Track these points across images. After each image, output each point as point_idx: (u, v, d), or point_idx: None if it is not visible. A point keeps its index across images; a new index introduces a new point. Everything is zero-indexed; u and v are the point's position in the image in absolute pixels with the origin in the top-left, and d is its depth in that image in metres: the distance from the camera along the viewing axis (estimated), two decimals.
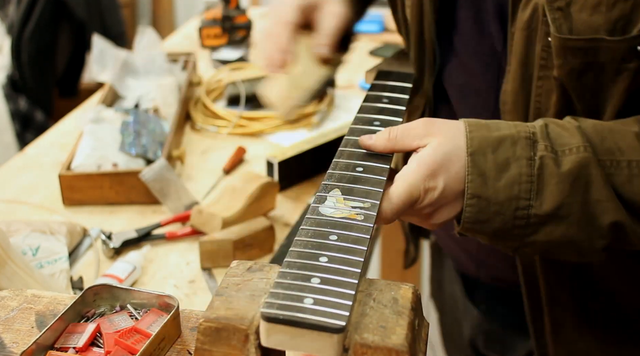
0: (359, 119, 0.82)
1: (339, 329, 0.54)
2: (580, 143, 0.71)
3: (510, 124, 0.73)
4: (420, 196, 0.70)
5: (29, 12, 2.71)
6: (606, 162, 0.71)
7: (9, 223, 1.08)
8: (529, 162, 0.70)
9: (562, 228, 0.71)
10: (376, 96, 0.87)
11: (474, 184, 0.70)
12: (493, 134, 0.71)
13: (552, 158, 0.70)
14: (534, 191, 0.70)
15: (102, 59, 1.57)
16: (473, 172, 0.70)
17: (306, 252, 0.61)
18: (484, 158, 0.70)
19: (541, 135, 0.72)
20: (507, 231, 0.72)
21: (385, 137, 0.74)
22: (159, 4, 3.84)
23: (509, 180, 0.70)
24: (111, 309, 0.74)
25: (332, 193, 0.68)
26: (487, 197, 0.70)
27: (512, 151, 0.70)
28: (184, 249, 1.12)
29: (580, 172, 0.70)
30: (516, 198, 0.70)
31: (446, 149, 0.71)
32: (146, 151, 1.27)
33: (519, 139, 0.71)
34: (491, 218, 0.71)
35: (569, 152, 0.71)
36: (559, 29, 0.73)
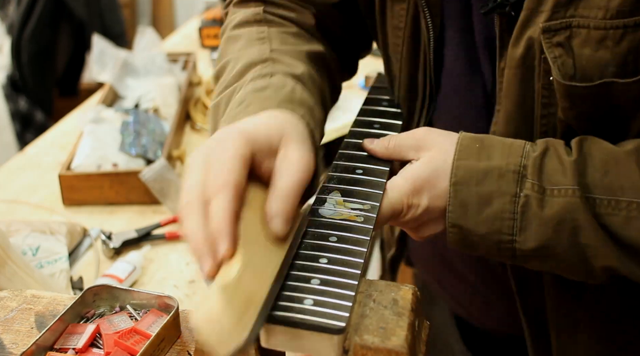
0: (359, 121, 0.82)
1: (339, 330, 0.54)
2: (570, 185, 0.66)
3: (504, 152, 0.68)
4: (403, 210, 0.68)
5: (29, 12, 2.72)
6: (603, 201, 0.66)
7: (9, 223, 1.08)
8: (513, 199, 0.66)
9: (551, 264, 0.69)
10: (376, 99, 0.87)
11: (455, 215, 0.67)
12: (481, 164, 0.67)
13: (537, 198, 0.66)
14: (517, 228, 0.66)
15: (102, 59, 1.57)
16: (454, 203, 0.67)
17: (306, 254, 0.61)
18: (467, 189, 0.67)
19: (532, 169, 0.67)
20: (495, 257, 0.69)
21: (384, 145, 0.73)
22: (159, 4, 3.84)
23: (491, 215, 0.67)
24: (111, 310, 0.74)
25: (332, 195, 0.68)
26: (468, 228, 0.67)
27: (498, 185, 0.67)
28: (184, 249, 1.11)
29: (565, 216, 0.66)
30: (498, 232, 0.67)
31: (436, 164, 0.69)
32: (146, 151, 1.27)
33: (507, 173, 0.67)
34: (475, 245, 0.68)
35: (558, 193, 0.66)
36: (561, 70, 0.67)
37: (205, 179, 0.57)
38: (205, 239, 0.54)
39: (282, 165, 0.62)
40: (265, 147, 0.62)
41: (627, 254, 0.67)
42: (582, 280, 0.71)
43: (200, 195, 0.56)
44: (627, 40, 0.65)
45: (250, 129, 0.63)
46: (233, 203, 0.56)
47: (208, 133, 0.74)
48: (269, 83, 0.72)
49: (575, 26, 0.66)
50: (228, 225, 0.54)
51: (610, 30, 0.65)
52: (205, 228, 0.55)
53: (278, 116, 0.67)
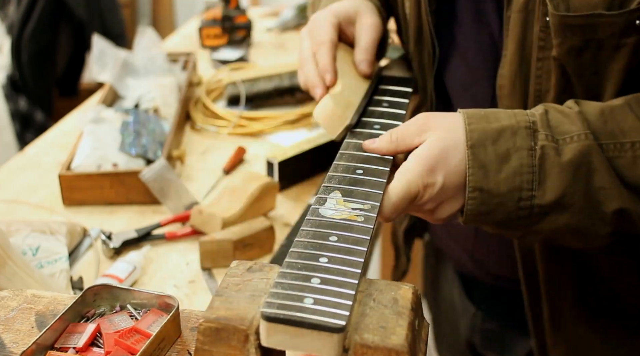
0: (359, 122, 0.82)
1: (339, 329, 0.54)
2: (582, 130, 0.70)
3: (510, 114, 0.72)
4: (420, 192, 0.70)
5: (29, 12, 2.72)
6: (609, 146, 0.71)
7: (9, 223, 1.08)
8: (530, 153, 0.70)
9: (566, 217, 0.71)
10: (377, 100, 0.87)
11: (476, 177, 0.69)
12: (492, 125, 0.71)
13: (553, 148, 0.70)
14: (536, 182, 0.69)
15: (102, 59, 1.57)
16: (474, 165, 0.69)
17: (306, 253, 0.61)
18: (484, 150, 0.70)
19: (541, 123, 0.71)
20: (510, 222, 0.71)
21: (387, 139, 0.74)
22: (159, 4, 3.84)
23: (511, 171, 0.69)
24: (111, 309, 0.74)
25: (333, 195, 0.68)
26: (489, 189, 0.69)
27: (513, 142, 0.70)
28: (184, 249, 1.12)
29: (581, 160, 0.69)
30: (518, 188, 0.69)
31: (444, 143, 0.71)
32: (146, 151, 1.27)
33: (519, 129, 0.70)
34: (494, 209, 0.70)
35: (570, 140, 0.70)
36: (557, 8, 0.73)
37: (311, 42, 0.88)
38: (317, 75, 0.85)
39: (360, 28, 0.90)
40: (347, 18, 0.90)
41: (636, 195, 0.70)
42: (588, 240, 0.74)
43: (309, 50, 0.87)
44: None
45: (335, 8, 0.91)
46: (331, 51, 0.86)
47: None
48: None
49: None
50: (330, 64, 0.85)
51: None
52: (316, 68, 0.86)
53: None
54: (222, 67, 1.75)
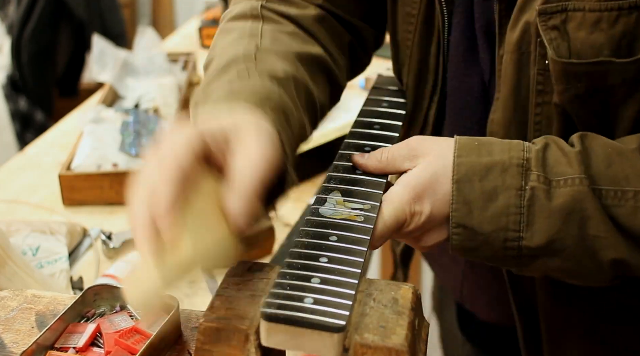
0: (359, 122, 0.82)
1: (339, 328, 0.54)
2: (577, 174, 0.65)
3: (505, 147, 0.67)
4: (407, 220, 0.67)
5: (29, 12, 2.72)
6: (610, 193, 0.65)
7: (9, 223, 1.08)
8: (518, 193, 0.65)
9: (558, 261, 0.67)
10: (376, 100, 0.87)
11: (459, 213, 0.66)
12: (482, 160, 0.66)
13: (543, 190, 0.65)
14: (524, 223, 0.65)
15: (102, 59, 1.57)
16: (458, 201, 0.66)
17: (306, 253, 0.61)
18: (470, 186, 0.65)
19: (536, 162, 0.66)
20: (499, 260, 0.68)
21: (377, 158, 0.70)
22: (159, 4, 3.84)
23: (497, 211, 0.65)
24: (111, 309, 0.74)
25: (332, 195, 0.68)
26: (473, 227, 0.66)
27: (502, 180, 0.65)
28: None
29: (573, 206, 0.64)
30: (504, 229, 0.65)
31: (433, 170, 0.67)
32: None
33: (510, 167, 0.66)
34: (479, 246, 0.67)
35: (564, 183, 0.65)
36: (557, 52, 0.67)
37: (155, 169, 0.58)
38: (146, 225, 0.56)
39: (240, 156, 0.59)
40: (222, 140, 0.60)
41: (636, 246, 0.65)
42: (588, 282, 0.70)
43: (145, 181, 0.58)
44: (621, 23, 0.65)
45: (208, 123, 0.62)
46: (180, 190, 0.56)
47: None
48: (245, 84, 0.70)
49: (571, 9, 0.66)
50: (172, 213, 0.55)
51: (605, 12, 0.65)
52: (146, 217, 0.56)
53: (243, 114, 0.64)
54: None
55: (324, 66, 0.81)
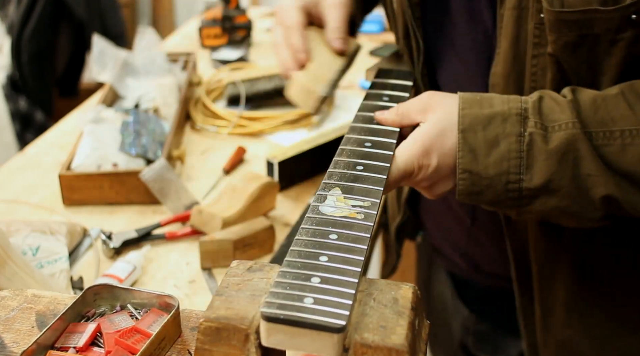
0: (359, 116, 0.82)
1: (339, 328, 0.54)
2: (569, 119, 0.72)
3: (504, 100, 0.75)
4: (415, 171, 0.74)
5: (29, 12, 2.72)
6: (599, 134, 0.73)
7: (9, 223, 1.08)
8: (518, 139, 0.72)
9: (554, 200, 0.73)
10: (377, 94, 0.87)
11: (465, 160, 0.73)
12: (484, 111, 0.74)
13: (540, 135, 0.72)
14: (524, 166, 0.72)
15: (102, 59, 1.57)
16: (464, 149, 0.73)
17: (306, 251, 0.61)
18: (474, 135, 0.73)
19: (533, 110, 0.73)
20: (501, 202, 0.75)
21: (394, 112, 0.79)
22: (159, 4, 3.84)
23: (499, 156, 0.72)
24: (111, 309, 0.74)
25: (333, 192, 0.68)
26: (478, 172, 0.73)
27: (502, 128, 0.73)
28: (184, 249, 1.12)
29: (567, 148, 0.72)
30: (506, 172, 0.73)
31: (441, 125, 0.74)
32: (146, 151, 1.27)
33: (510, 116, 0.73)
34: (484, 190, 0.74)
35: (558, 128, 0.72)
36: (551, 4, 0.74)
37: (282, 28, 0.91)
38: (291, 57, 0.88)
39: (327, 8, 0.92)
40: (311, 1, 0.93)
41: (626, 181, 0.73)
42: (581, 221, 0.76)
43: (281, 37, 0.91)
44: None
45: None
46: (301, 33, 0.89)
47: None
48: None
49: None
50: (301, 44, 0.88)
51: None
52: (289, 51, 0.89)
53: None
54: (222, 67, 1.75)
55: None
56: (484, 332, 1.11)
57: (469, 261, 1.05)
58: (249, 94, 1.54)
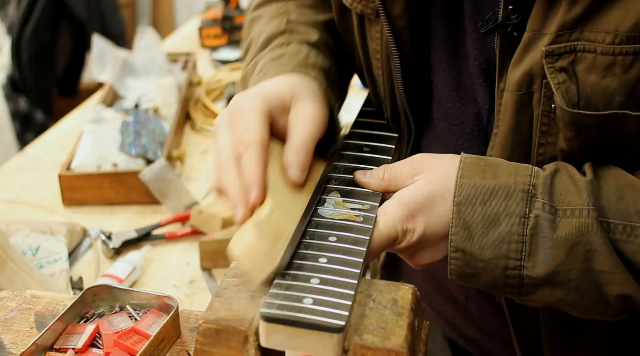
0: (358, 123, 0.82)
1: (339, 329, 0.54)
2: (585, 205, 0.62)
3: (511, 170, 0.64)
4: (398, 237, 0.64)
5: (29, 12, 2.72)
6: (618, 227, 0.62)
7: (9, 223, 1.08)
8: (522, 221, 0.62)
9: (561, 293, 0.63)
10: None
11: (458, 237, 0.63)
12: (487, 182, 0.63)
13: (548, 219, 0.62)
14: (526, 252, 0.62)
15: (102, 59, 1.57)
16: (458, 225, 0.63)
17: (305, 253, 0.61)
18: (471, 210, 0.63)
19: (542, 188, 0.63)
20: (499, 288, 0.65)
21: (380, 177, 0.69)
22: (159, 4, 3.84)
23: (498, 237, 0.62)
24: (110, 310, 0.73)
25: (332, 196, 0.68)
26: (472, 252, 0.63)
27: (505, 205, 0.62)
28: (184, 249, 1.11)
29: (579, 239, 0.61)
30: (505, 257, 0.62)
31: (432, 188, 0.64)
32: (146, 151, 1.27)
33: (515, 192, 0.63)
34: (479, 273, 0.64)
35: (570, 214, 0.62)
36: (565, 97, 0.63)
37: (234, 138, 0.65)
38: (240, 190, 0.63)
39: (294, 120, 0.68)
40: (279, 106, 0.68)
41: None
42: (592, 315, 0.67)
43: (232, 153, 0.65)
44: (636, 68, 0.60)
45: (265, 90, 0.69)
46: (261, 156, 0.64)
47: None
48: (285, 51, 0.77)
49: (580, 50, 0.62)
50: (258, 176, 0.63)
51: (619, 56, 0.60)
52: (239, 180, 0.63)
53: (291, 78, 0.72)
54: (222, 67, 1.75)
55: None
56: None
57: (466, 341, 0.93)
58: None
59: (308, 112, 0.68)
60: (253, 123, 0.66)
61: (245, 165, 0.64)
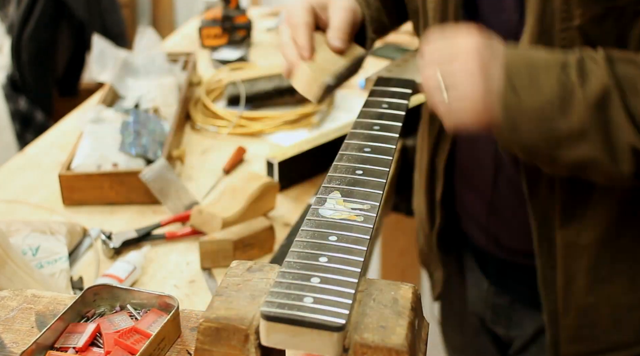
0: (358, 123, 0.82)
1: (339, 327, 0.54)
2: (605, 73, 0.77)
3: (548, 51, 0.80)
4: None
5: (29, 12, 2.72)
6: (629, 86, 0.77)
7: (9, 223, 1.08)
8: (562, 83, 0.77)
9: (587, 148, 0.77)
10: (376, 101, 0.87)
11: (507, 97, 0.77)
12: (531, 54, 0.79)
13: (579, 84, 0.76)
14: (563, 111, 0.76)
15: (102, 59, 1.57)
16: (507, 86, 0.77)
17: (306, 252, 0.61)
18: (518, 74, 0.77)
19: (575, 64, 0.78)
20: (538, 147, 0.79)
21: None
22: (159, 4, 3.84)
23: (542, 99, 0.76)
24: (111, 309, 0.74)
25: (332, 195, 0.68)
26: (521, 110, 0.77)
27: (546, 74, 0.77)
28: (184, 249, 1.12)
29: (604, 95, 0.76)
30: (548, 117, 0.77)
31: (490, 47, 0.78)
32: (146, 151, 1.27)
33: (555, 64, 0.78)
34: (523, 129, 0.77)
35: (595, 80, 0.77)
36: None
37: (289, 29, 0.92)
38: (296, 54, 0.90)
39: (332, 11, 0.94)
40: (320, 4, 0.94)
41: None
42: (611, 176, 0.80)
43: (289, 37, 0.92)
44: None
45: None
46: (307, 32, 0.90)
47: None
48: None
49: None
50: (307, 42, 0.90)
51: None
52: (295, 50, 0.90)
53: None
54: (222, 67, 1.75)
55: None
56: (502, 306, 1.12)
57: (489, 235, 1.06)
58: (249, 94, 1.54)
59: (343, 4, 0.94)
60: (300, 13, 0.92)
61: (297, 39, 0.90)
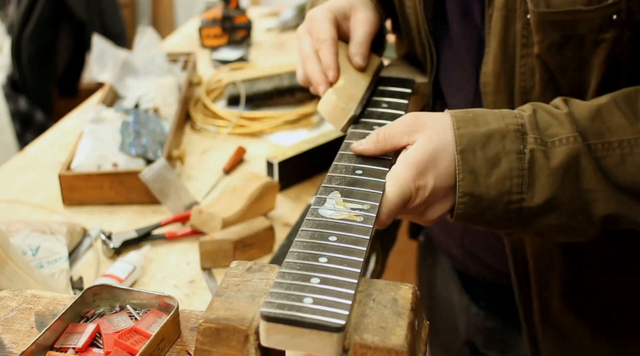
0: (358, 123, 0.82)
1: (339, 328, 0.54)
2: (570, 133, 0.71)
3: (498, 116, 0.73)
4: (412, 195, 0.71)
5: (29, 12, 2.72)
6: (597, 145, 0.72)
7: (9, 223, 1.08)
8: (519, 157, 0.71)
9: (554, 217, 0.72)
10: (375, 101, 0.87)
11: (465, 182, 0.70)
12: (481, 129, 0.71)
13: (542, 151, 0.71)
14: (525, 185, 0.71)
15: (102, 59, 1.57)
16: (464, 170, 0.70)
17: (306, 253, 0.61)
18: (473, 155, 0.70)
19: (530, 126, 0.72)
20: (500, 223, 0.73)
21: (374, 139, 0.75)
22: (159, 4, 3.84)
23: (500, 175, 0.70)
24: (111, 309, 0.74)
25: (332, 195, 0.68)
26: (480, 194, 0.71)
27: (502, 146, 0.71)
28: (184, 249, 1.12)
29: (570, 163, 0.71)
30: (508, 192, 0.71)
31: (434, 145, 0.71)
32: (146, 151, 1.27)
33: (508, 133, 0.71)
34: (484, 212, 0.72)
35: (559, 143, 0.71)
36: (536, 5, 0.75)
37: (312, 40, 0.88)
38: (320, 73, 0.86)
39: (354, 24, 0.91)
40: (342, 14, 0.91)
41: (627, 196, 0.72)
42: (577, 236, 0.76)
43: (311, 49, 0.88)
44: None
45: (331, 4, 0.91)
46: (333, 48, 0.86)
47: None
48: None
49: None
50: (333, 61, 0.86)
51: None
52: (319, 65, 0.86)
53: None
54: (222, 67, 1.75)
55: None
56: (494, 329, 1.12)
57: (466, 252, 1.05)
58: (249, 94, 1.54)
59: (364, 17, 0.90)
60: (325, 26, 0.87)
61: (323, 55, 0.86)
